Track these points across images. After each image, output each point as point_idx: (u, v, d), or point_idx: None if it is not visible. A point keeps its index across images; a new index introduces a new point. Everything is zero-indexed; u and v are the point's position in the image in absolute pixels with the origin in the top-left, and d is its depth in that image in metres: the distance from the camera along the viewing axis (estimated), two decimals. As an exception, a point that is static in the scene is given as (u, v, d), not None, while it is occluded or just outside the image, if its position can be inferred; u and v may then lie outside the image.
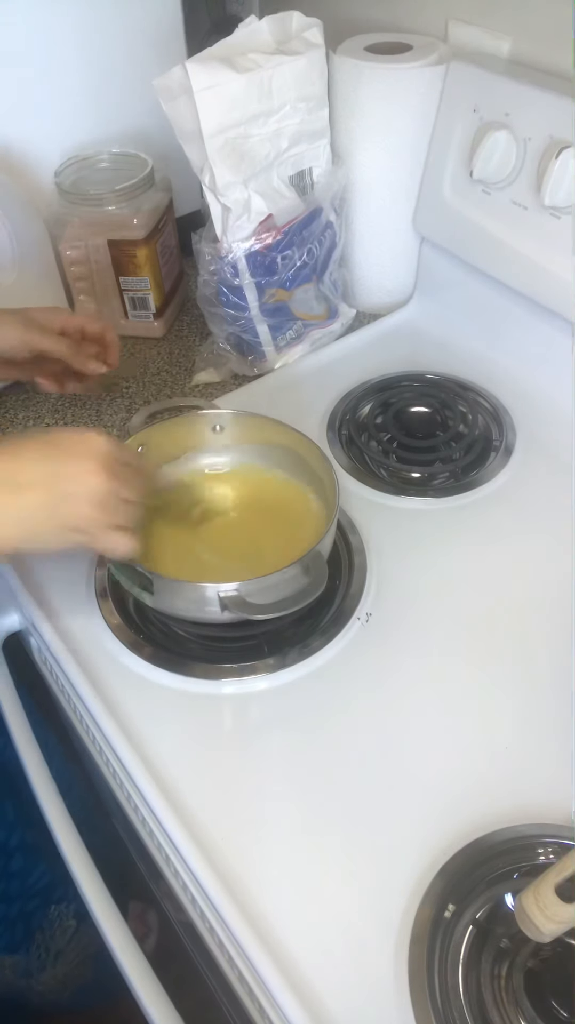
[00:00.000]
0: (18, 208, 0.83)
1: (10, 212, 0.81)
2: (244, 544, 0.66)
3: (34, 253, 0.84)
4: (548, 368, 0.81)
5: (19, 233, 0.82)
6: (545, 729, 0.57)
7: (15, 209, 0.82)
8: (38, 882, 0.77)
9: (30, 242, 0.84)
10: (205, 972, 0.59)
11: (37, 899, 0.78)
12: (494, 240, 0.79)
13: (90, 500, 0.50)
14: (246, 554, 0.65)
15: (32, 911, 0.78)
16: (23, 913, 0.77)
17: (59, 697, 0.66)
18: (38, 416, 0.83)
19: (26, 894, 0.77)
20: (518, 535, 0.70)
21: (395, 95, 0.81)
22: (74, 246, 0.86)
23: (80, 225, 0.85)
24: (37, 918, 0.79)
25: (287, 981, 0.45)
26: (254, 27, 0.75)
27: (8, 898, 0.75)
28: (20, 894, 0.76)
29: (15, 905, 0.76)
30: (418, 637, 0.63)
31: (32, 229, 0.84)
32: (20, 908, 0.77)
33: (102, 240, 0.85)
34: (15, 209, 0.82)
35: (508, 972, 0.45)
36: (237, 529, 0.66)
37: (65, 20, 0.83)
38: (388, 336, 0.93)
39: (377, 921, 0.48)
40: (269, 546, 0.65)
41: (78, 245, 0.86)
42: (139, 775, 0.54)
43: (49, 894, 0.79)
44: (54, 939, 0.81)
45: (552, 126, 0.70)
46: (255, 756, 0.56)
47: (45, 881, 0.77)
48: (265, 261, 0.80)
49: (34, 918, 0.79)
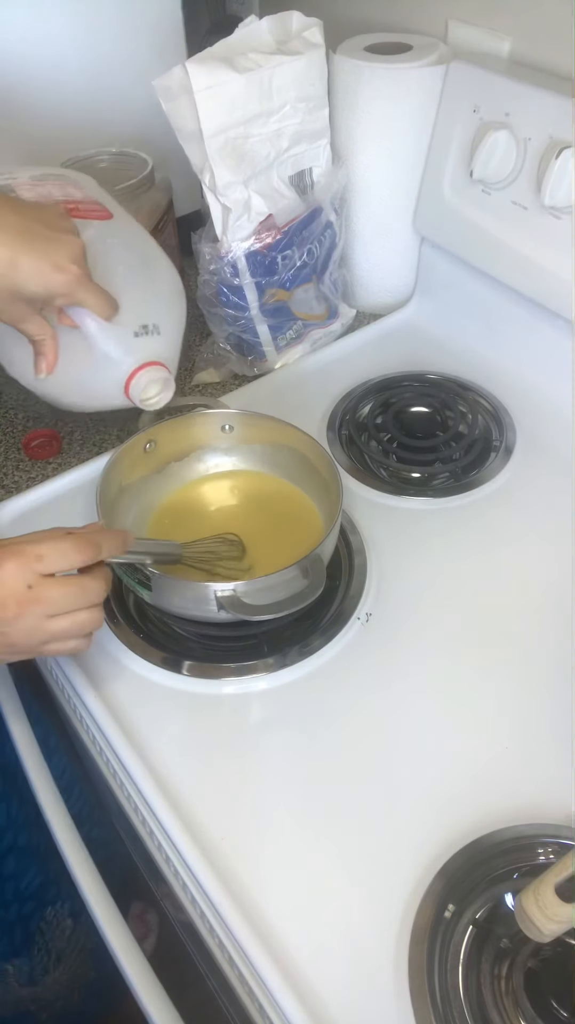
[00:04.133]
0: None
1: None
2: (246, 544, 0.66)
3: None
4: (548, 368, 0.81)
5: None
6: (545, 729, 0.57)
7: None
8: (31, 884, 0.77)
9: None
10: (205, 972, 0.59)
11: (32, 901, 0.78)
12: (494, 240, 0.79)
13: (4, 633, 0.46)
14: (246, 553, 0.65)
15: (29, 914, 0.78)
16: (21, 916, 0.77)
17: (59, 697, 0.66)
18: (37, 416, 0.83)
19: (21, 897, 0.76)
20: (518, 535, 0.70)
21: (395, 95, 0.81)
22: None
23: (80, 225, 0.85)
24: (35, 920, 0.79)
25: (287, 981, 0.45)
26: (254, 27, 0.75)
27: (4, 902, 0.75)
28: (15, 897, 0.76)
29: (12, 909, 0.76)
30: (418, 637, 0.63)
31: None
32: (17, 911, 0.77)
33: (102, 240, 0.85)
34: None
35: (508, 972, 0.45)
36: (240, 529, 0.67)
37: (65, 20, 0.83)
38: (388, 336, 0.93)
39: (377, 921, 0.48)
40: (270, 547, 0.65)
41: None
42: (139, 775, 0.54)
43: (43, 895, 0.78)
44: (54, 940, 0.81)
45: (552, 126, 0.70)
46: (255, 756, 0.56)
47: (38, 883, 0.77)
48: (265, 261, 0.80)
49: (32, 921, 0.78)
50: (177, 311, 0.69)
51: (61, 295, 0.56)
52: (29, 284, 0.54)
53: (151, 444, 0.69)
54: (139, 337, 0.63)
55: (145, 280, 0.65)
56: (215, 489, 0.72)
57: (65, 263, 0.54)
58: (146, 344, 0.63)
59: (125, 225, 0.69)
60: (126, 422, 0.81)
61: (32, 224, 0.54)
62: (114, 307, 0.59)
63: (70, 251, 0.55)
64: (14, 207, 0.54)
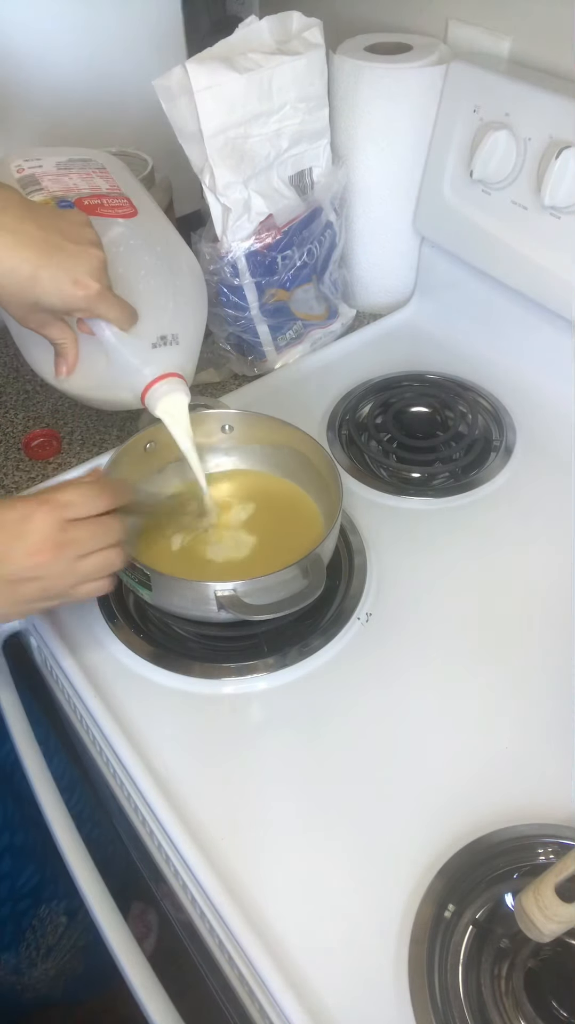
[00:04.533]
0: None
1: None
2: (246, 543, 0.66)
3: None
4: (548, 368, 0.81)
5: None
6: (545, 729, 0.57)
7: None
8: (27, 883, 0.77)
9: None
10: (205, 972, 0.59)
11: (27, 900, 0.78)
12: (494, 240, 0.79)
13: (41, 578, 0.50)
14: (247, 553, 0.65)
15: (22, 912, 0.78)
16: (13, 914, 0.77)
17: (59, 697, 0.66)
18: (38, 416, 0.83)
19: (15, 896, 0.77)
20: (518, 535, 0.70)
21: (395, 95, 0.81)
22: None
23: (80, 225, 0.85)
24: (28, 918, 0.79)
25: (287, 981, 0.45)
26: (254, 27, 0.75)
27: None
28: (9, 896, 0.76)
29: (5, 907, 0.76)
30: (418, 637, 0.63)
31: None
32: (11, 909, 0.77)
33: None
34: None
35: (508, 972, 0.45)
36: (240, 528, 0.66)
37: (65, 20, 0.83)
38: (388, 336, 0.93)
39: (377, 921, 0.48)
40: (271, 547, 0.65)
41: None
42: (139, 775, 0.54)
43: (39, 894, 0.79)
44: (44, 937, 0.81)
45: (552, 126, 0.70)
46: (255, 755, 0.56)
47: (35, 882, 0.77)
48: (265, 261, 0.80)
49: (24, 918, 0.79)
50: (197, 317, 0.68)
51: (80, 309, 0.56)
52: (49, 298, 0.54)
53: (151, 444, 0.68)
54: (157, 348, 0.62)
55: (166, 286, 0.64)
56: (215, 489, 0.71)
57: (85, 279, 0.54)
58: (164, 355, 0.62)
59: (150, 221, 0.68)
60: (126, 422, 0.81)
61: (53, 236, 0.54)
62: (133, 318, 0.59)
63: (90, 266, 0.54)
64: (36, 219, 0.54)
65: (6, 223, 0.52)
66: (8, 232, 0.52)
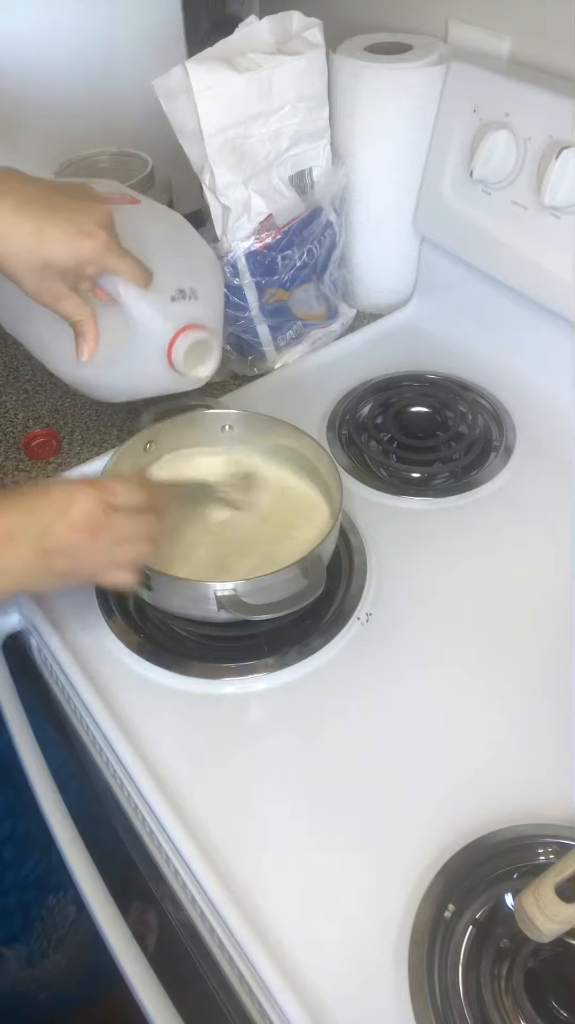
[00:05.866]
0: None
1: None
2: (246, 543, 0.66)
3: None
4: (548, 368, 0.81)
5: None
6: (545, 728, 0.57)
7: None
8: (32, 872, 0.77)
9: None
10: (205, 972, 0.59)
11: (33, 889, 0.78)
12: (494, 240, 0.79)
13: (76, 555, 0.51)
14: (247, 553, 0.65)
15: (30, 901, 0.78)
16: (21, 904, 0.77)
17: (59, 697, 0.66)
18: (38, 416, 0.83)
19: (21, 885, 0.77)
20: (518, 535, 0.70)
21: (395, 95, 0.81)
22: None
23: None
24: (35, 908, 0.79)
25: (287, 981, 0.45)
26: (254, 27, 0.75)
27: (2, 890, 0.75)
28: (14, 885, 0.76)
29: (11, 896, 0.76)
30: (418, 637, 0.63)
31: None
32: (18, 899, 0.77)
33: (102, 240, 0.85)
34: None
35: (508, 972, 0.45)
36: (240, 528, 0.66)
37: (65, 20, 0.83)
38: (388, 336, 0.93)
39: (377, 921, 0.48)
40: (271, 547, 0.65)
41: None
42: (139, 775, 0.54)
43: (45, 883, 0.79)
44: (55, 927, 0.81)
45: (552, 126, 0.70)
46: (255, 755, 0.56)
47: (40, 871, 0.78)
48: (265, 261, 0.80)
49: (32, 908, 0.79)
50: (213, 278, 0.67)
51: (90, 262, 0.55)
52: (57, 252, 0.54)
53: (151, 444, 0.68)
54: (176, 302, 0.61)
55: (178, 247, 0.63)
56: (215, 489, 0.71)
57: (92, 228, 0.54)
58: (184, 308, 0.61)
59: (155, 206, 0.68)
60: (126, 422, 0.81)
61: (55, 195, 0.54)
62: (147, 273, 0.59)
63: (97, 216, 0.55)
64: (36, 182, 0.54)
65: (12, 187, 0.53)
66: (12, 194, 0.52)
